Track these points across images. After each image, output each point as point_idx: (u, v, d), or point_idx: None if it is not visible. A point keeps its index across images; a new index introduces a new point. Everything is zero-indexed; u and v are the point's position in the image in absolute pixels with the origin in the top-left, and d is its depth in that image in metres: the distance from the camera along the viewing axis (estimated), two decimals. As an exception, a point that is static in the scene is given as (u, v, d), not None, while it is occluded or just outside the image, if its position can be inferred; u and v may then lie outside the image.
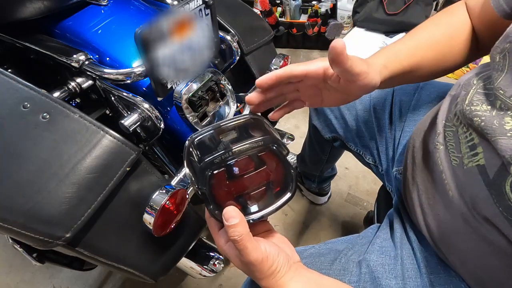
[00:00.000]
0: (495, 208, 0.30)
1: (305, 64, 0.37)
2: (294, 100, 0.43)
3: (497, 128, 0.30)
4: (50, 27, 0.58)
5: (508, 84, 0.30)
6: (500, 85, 0.31)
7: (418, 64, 0.45)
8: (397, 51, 0.45)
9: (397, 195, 0.53)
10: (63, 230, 0.38)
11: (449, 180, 0.37)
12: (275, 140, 0.32)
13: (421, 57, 0.45)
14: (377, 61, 0.42)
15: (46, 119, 0.40)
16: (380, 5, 1.40)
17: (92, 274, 0.95)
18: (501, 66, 0.32)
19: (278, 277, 0.30)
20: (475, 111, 0.33)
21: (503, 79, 0.31)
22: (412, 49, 0.45)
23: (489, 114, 0.32)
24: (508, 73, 0.30)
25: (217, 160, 0.30)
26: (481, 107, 0.33)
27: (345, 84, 0.36)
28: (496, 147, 0.30)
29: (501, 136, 0.29)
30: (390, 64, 0.42)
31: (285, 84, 0.39)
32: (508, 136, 0.29)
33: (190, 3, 0.48)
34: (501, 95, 0.31)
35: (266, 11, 1.66)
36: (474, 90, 0.36)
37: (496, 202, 0.30)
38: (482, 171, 0.32)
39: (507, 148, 0.28)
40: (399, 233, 0.46)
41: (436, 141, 0.40)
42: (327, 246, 0.48)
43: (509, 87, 0.30)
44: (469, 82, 0.38)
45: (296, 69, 0.37)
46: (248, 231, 0.29)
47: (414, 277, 0.41)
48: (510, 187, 0.28)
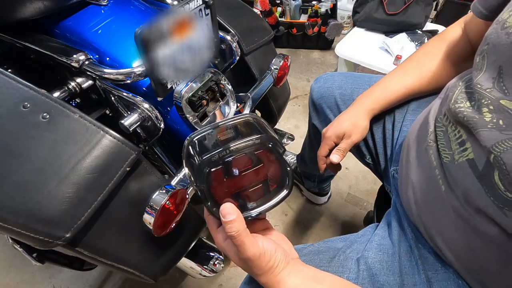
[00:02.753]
0: (487, 198, 0.32)
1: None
2: None
3: (478, 120, 0.33)
4: (50, 27, 0.58)
5: (485, 79, 0.34)
6: (479, 81, 0.34)
7: (409, 94, 0.56)
8: (383, 89, 0.56)
9: (395, 193, 0.53)
10: (63, 230, 0.38)
11: (441, 176, 0.38)
12: (271, 139, 0.33)
13: (410, 88, 0.55)
14: (363, 108, 0.56)
15: (46, 119, 0.40)
16: (380, 5, 1.40)
17: (92, 274, 0.95)
18: (480, 66, 0.35)
19: (276, 272, 0.31)
20: (459, 108, 0.36)
21: (482, 76, 0.34)
22: (399, 85, 0.55)
23: (470, 110, 0.35)
24: (486, 71, 0.34)
25: (215, 158, 0.31)
26: (464, 104, 0.36)
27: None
28: (479, 139, 0.32)
29: (483, 128, 0.32)
30: (377, 105, 0.55)
31: None
32: (488, 127, 0.31)
33: (190, 3, 0.48)
34: (479, 89, 0.34)
35: (266, 11, 1.66)
36: (459, 90, 0.39)
37: (488, 192, 0.32)
38: (472, 165, 0.34)
39: (489, 139, 0.31)
40: (396, 231, 0.47)
41: (429, 139, 0.42)
42: (325, 244, 0.49)
43: (485, 82, 0.33)
44: (455, 84, 0.41)
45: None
46: (245, 227, 0.30)
47: (412, 274, 0.42)
48: (498, 177, 0.30)
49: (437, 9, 1.82)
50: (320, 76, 0.71)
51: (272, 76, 0.75)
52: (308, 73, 1.75)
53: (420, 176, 0.43)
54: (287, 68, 0.78)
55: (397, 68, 0.58)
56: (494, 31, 0.33)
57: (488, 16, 0.43)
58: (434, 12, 1.83)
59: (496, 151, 0.30)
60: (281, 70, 0.75)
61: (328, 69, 1.79)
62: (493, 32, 0.34)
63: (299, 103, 1.56)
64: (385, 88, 0.56)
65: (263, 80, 0.73)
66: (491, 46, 0.33)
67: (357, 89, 0.65)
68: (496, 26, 0.33)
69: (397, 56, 1.28)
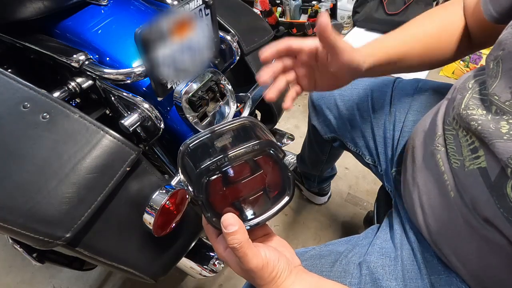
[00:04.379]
0: (496, 209, 0.30)
1: (300, 40, 0.42)
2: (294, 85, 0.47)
3: (494, 131, 0.31)
4: (50, 27, 0.58)
5: (502, 89, 0.31)
6: (495, 91, 0.32)
7: (404, 55, 0.48)
8: (384, 41, 0.48)
9: (397, 195, 0.53)
10: (63, 230, 0.38)
11: (451, 181, 0.37)
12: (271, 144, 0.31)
13: (409, 48, 0.48)
14: (363, 49, 0.45)
15: (46, 119, 0.40)
16: (380, 5, 1.40)
17: (92, 274, 0.95)
18: (495, 73, 0.33)
19: (279, 282, 0.30)
20: (471, 115, 0.34)
21: (497, 85, 0.32)
22: (399, 40, 0.48)
23: (484, 118, 0.33)
24: (501, 79, 0.32)
25: (213, 166, 0.29)
26: (477, 111, 0.34)
27: (332, 61, 0.40)
28: (493, 150, 0.30)
29: (498, 139, 0.30)
30: (376, 53, 0.46)
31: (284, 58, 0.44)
32: (504, 139, 0.30)
33: (190, 3, 0.48)
34: (496, 101, 0.32)
35: (266, 11, 1.66)
36: (470, 94, 0.37)
37: (497, 203, 0.30)
38: (483, 174, 0.32)
39: (504, 151, 0.29)
40: (398, 234, 0.47)
41: (437, 142, 0.41)
42: (327, 247, 0.48)
43: (503, 93, 0.31)
44: (464, 86, 0.39)
45: (293, 43, 0.42)
46: (248, 238, 0.29)
47: (415, 278, 0.41)
48: (511, 189, 0.29)
49: (437, 9, 1.82)
50: (320, 76, 0.71)
51: (272, 76, 0.75)
52: (308, 73, 1.75)
53: (427, 180, 0.42)
54: (287, 68, 0.78)
55: (397, 29, 0.51)
56: (510, 36, 0.31)
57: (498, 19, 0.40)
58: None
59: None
60: (281, 70, 0.75)
61: (328, 69, 1.79)
62: (509, 37, 0.31)
63: (299, 103, 1.56)
64: (384, 39, 0.48)
65: (263, 80, 0.72)
66: (507, 52, 0.31)
67: (356, 90, 0.65)
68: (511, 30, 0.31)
69: (397, 56, 1.28)
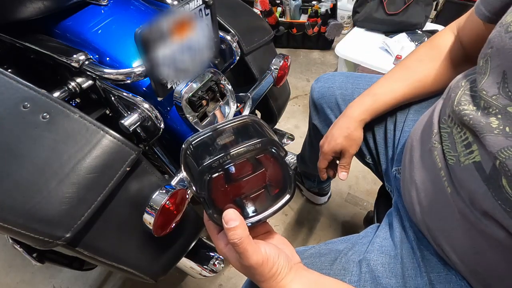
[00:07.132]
0: (493, 201, 0.31)
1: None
2: None
3: (484, 125, 0.32)
4: (50, 27, 0.58)
5: (489, 85, 0.33)
6: (483, 86, 0.34)
7: (398, 102, 0.56)
8: (374, 99, 0.56)
9: (397, 194, 0.53)
10: (63, 230, 0.38)
11: (447, 177, 0.38)
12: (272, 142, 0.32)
13: (400, 96, 0.55)
14: (353, 119, 0.57)
15: (46, 119, 0.40)
16: (380, 5, 1.40)
17: (92, 274, 0.95)
18: (484, 70, 0.34)
19: (279, 279, 0.30)
20: (463, 110, 0.36)
21: (486, 81, 0.34)
22: (389, 93, 0.55)
23: (475, 113, 0.34)
24: (490, 76, 0.33)
25: (215, 164, 0.30)
26: (468, 107, 0.35)
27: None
28: (484, 143, 0.32)
29: (489, 133, 0.31)
30: (367, 115, 0.56)
31: None
32: (495, 133, 0.31)
33: (190, 3, 0.48)
34: (484, 95, 0.33)
35: (266, 11, 1.66)
36: (462, 91, 0.38)
37: (495, 196, 0.31)
38: (478, 167, 0.33)
39: (494, 144, 0.31)
40: (398, 232, 0.47)
41: (433, 140, 0.41)
42: (327, 246, 0.48)
43: (490, 88, 0.33)
44: (457, 85, 0.40)
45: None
46: (248, 234, 0.29)
47: (414, 276, 0.41)
48: (506, 180, 0.30)
49: (437, 9, 1.82)
50: (320, 76, 0.71)
51: (272, 76, 0.75)
52: (308, 73, 1.75)
53: (425, 177, 0.42)
54: (287, 68, 0.78)
55: (388, 75, 0.57)
56: (498, 34, 0.33)
57: (491, 18, 0.42)
58: (434, 12, 1.83)
59: (502, 157, 0.30)
60: (281, 70, 0.75)
61: (328, 69, 1.79)
62: (497, 35, 0.33)
63: (299, 103, 1.56)
64: (376, 98, 0.56)
65: (263, 80, 0.72)
66: (495, 49, 0.33)
67: (358, 89, 0.65)
68: (499, 29, 0.33)
69: (397, 56, 1.28)
